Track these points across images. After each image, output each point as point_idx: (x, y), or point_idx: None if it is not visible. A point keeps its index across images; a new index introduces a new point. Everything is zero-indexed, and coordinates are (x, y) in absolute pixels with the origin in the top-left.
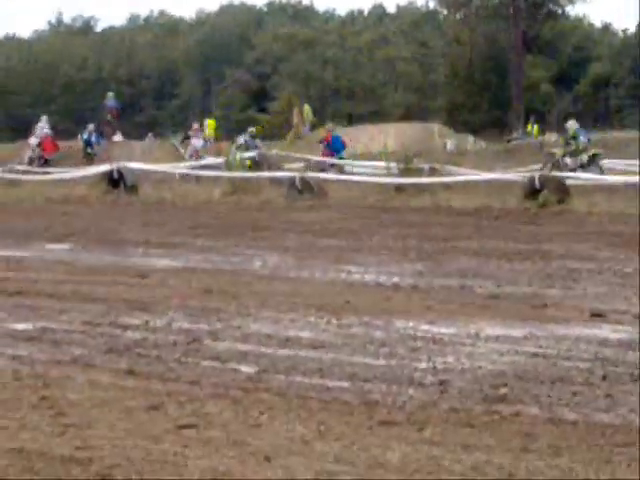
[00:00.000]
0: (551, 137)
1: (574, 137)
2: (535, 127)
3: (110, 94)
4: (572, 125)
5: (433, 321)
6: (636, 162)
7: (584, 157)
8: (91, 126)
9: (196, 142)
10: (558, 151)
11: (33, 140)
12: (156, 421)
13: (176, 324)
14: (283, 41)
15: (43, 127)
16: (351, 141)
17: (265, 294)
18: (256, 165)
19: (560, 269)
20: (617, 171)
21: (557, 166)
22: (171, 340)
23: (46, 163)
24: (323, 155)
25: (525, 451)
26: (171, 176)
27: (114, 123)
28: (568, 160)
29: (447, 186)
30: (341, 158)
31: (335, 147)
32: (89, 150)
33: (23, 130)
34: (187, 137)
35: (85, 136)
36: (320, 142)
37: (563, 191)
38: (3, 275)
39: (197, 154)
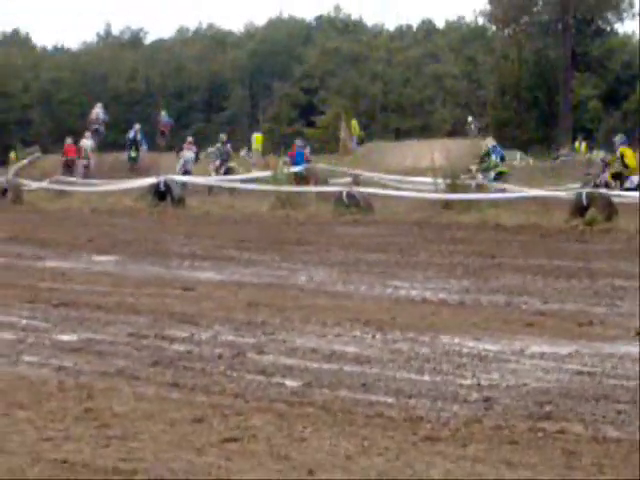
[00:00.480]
0: (599, 155)
1: (487, 154)
2: (583, 145)
3: (163, 113)
4: (488, 142)
5: (478, 338)
6: None
7: (491, 174)
8: (137, 125)
9: (187, 156)
10: (474, 167)
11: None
12: (200, 434)
13: (221, 337)
14: (331, 55)
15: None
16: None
17: (310, 308)
18: (303, 179)
19: (606, 287)
20: None
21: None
22: (216, 353)
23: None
24: None
25: (569, 469)
26: (219, 189)
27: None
28: (480, 176)
29: (494, 202)
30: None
31: (297, 161)
32: (132, 154)
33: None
34: (180, 149)
35: (131, 135)
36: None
37: (610, 209)
38: (49, 286)
39: (185, 168)
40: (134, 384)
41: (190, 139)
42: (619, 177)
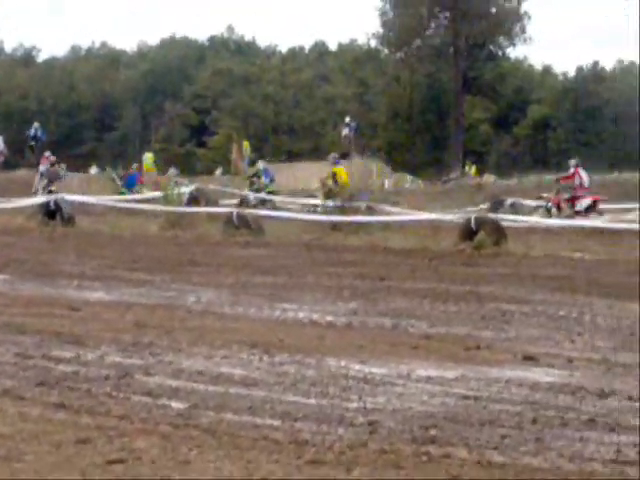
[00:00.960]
0: (489, 178)
1: (258, 176)
2: (473, 167)
3: (36, 124)
4: (259, 165)
5: (365, 360)
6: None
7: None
8: (36, 123)
9: (41, 169)
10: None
11: None
12: (85, 455)
13: (108, 358)
14: (223, 76)
15: None
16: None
17: (198, 330)
18: (193, 200)
19: (494, 311)
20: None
21: (246, 204)
22: (103, 374)
23: None
24: None
25: None
26: (109, 209)
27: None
28: (252, 197)
29: (384, 225)
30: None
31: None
32: (32, 143)
33: None
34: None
35: (32, 132)
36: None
37: (499, 233)
38: None
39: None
40: (19, 404)
41: (47, 154)
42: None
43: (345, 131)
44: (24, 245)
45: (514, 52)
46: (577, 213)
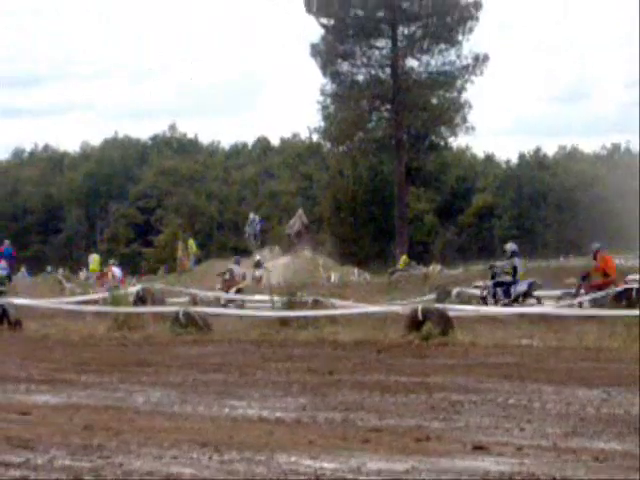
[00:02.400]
0: (436, 268)
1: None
2: (403, 257)
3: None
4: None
5: (315, 456)
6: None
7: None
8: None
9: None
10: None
11: None
12: None
13: (57, 462)
14: (167, 175)
15: None
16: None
17: (147, 430)
18: (140, 300)
19: (443, 401)
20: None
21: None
22: (52, 478)
23: None
24: None
25: None
26: (55, 311)
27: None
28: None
29: (331, 319)
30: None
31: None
32: None
33: None
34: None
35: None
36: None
37: (446, 323)
38: None
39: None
40: None
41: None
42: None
43: (248, 229)
44: None
45: (456, 142)
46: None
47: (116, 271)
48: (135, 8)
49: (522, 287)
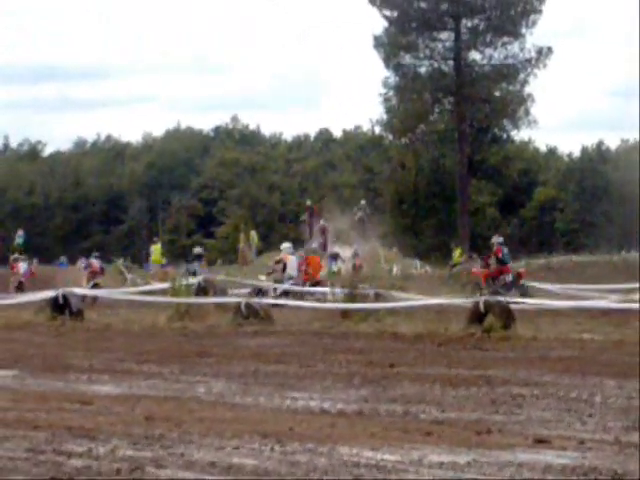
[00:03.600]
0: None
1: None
2: (457, 252)
3: (20, 232)
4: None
5: (377, 448)
6: (581, 286)
7: None
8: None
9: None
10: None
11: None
12: None
13: (119, 452)
14: (229, 167)
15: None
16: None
17: (209, 421)
18: (202, 290)
19: (504, 395)
20: (562, 296)
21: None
22: (114, 468)
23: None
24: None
25: None
26: (117, 301)
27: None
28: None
29: (392, 311)
30: None
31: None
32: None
33: None
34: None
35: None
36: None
37: (508, 316)
38: None
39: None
40: None
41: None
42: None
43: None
44: (33, 340)
45: (519, 135)
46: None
47: (21, 266)
48: (201, 3)
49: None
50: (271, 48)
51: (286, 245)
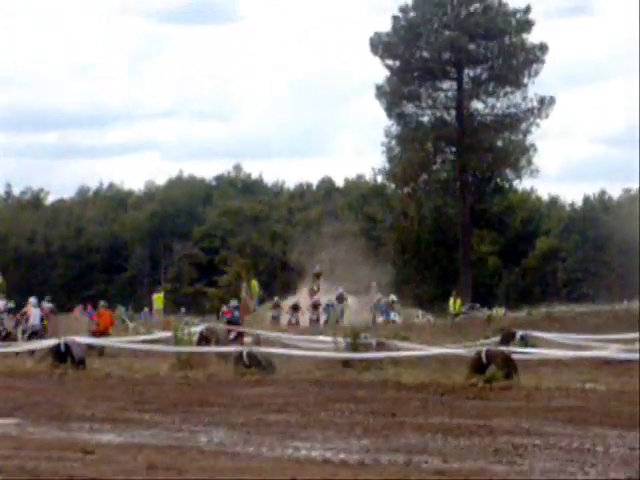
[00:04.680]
0: (500, 310)
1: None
2: (458, 302)
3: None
4: None
5: None
6: (583, 336)
7: None
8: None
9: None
10: None
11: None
12: None
13: None
14: (232, 215)
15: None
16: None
17: (211, 470)
18: (204, 339)
19: (506, 444)
20: (566, 346)
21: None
22: None
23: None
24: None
25: None
26: (119, 350)
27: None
28: None
29: (395, 360)
30: None
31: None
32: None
33: None
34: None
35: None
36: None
37: (510, 366)
38: None
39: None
40: None
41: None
42: None
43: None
44: (35, 388)
45: (521, 184)
46: None
47: None
48: (201, 50)
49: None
50: (273, 96)
51: (31, 299)
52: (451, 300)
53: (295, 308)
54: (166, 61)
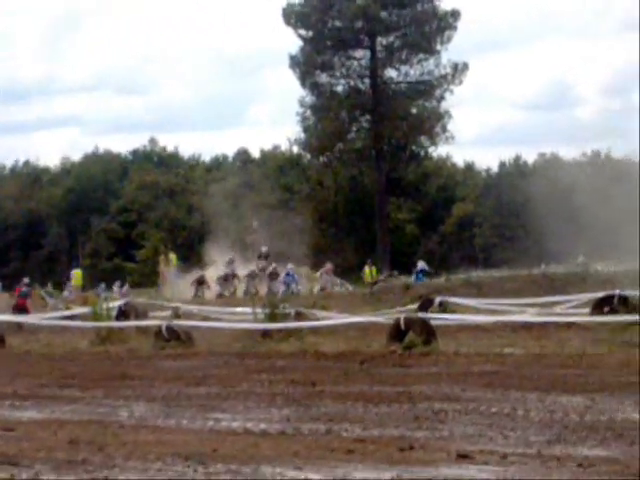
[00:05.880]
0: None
1: None
2: (373, 269)
3: None
4: None
5: (300, 467)
6: (501, 301)
7: None
8: None
9: None
10: None
11: None
12: None
13: (42, 477)
14: (148, 189)
15: None
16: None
17: (132, 444)
18: (123, 314)
19: (426, 411)
20: (484, 311)
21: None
22: None
23: None
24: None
25: None
26: (38, 327)
27: None
28: None
29: (314, 330)
30: None
31: None
32: None
33: None
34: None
35: None
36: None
37: (429, 332)
38: None
39: None
40: None
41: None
42: None
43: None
44: None
45: (436, 151)
46: None
47: None
48: (119, 24)
49: None
50: (189, 70)
51: None
52: (366, 269)
53: (200, 282)
54: (84, 34)
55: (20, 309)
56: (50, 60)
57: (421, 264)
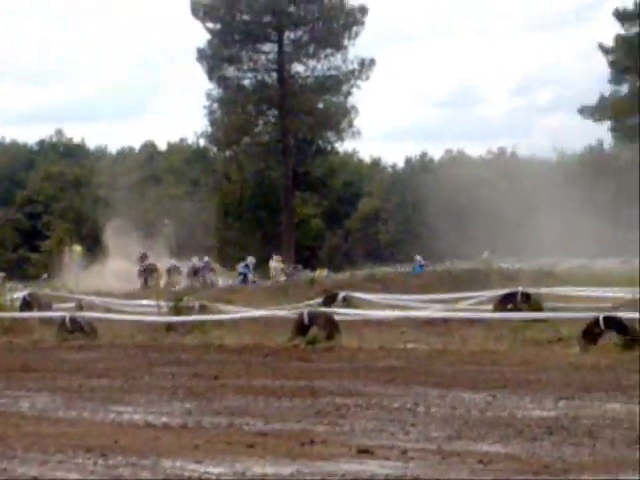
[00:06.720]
0: (322, 272)
1: None
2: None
3: None
4: None
5: (200, 460)
6: (405, 297)
7: None
8: None
9: None
10: None
11: None
12: None
13: None
14: (54, 180)
15: None
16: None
17: (33, 435)
18: (26, 305)
19: (328, 405)
20: (388, 306)
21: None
22: None
23: None
24: None
25: None
26: None
27: None
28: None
29: (218, 324)
30: None
31: None
32: None
33: None
34: None
35: None
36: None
37: (332, 327)
38: None
39: None
40: None
41: None
42: None
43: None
44: None
45: (342, 146)
46: None
47: None
48: (21, 11)
49: None
50: (96, 60)
51: None
52: (271, 263)
53: (152, 270)
54: None
55: None
56: None
57: (419, 258)
